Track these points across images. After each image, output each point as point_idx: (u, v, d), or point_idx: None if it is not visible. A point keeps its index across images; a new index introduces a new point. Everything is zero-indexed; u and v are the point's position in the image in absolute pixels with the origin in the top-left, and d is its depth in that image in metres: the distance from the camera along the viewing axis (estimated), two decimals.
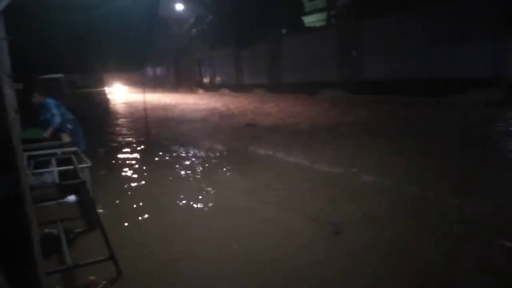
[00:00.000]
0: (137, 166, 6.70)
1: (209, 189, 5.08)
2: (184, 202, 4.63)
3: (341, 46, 19.92)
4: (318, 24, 25.30)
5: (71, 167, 3.51)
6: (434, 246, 3.16)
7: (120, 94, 31.78)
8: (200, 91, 31.50)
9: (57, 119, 5.26)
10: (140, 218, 4.16)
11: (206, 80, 35.28)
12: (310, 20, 27.39)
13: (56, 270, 2.66)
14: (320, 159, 6.36)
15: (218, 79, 33.13)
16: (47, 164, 3.80)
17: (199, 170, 6.18)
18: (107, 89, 18.81)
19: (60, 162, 3.72)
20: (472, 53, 13.88)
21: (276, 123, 11.21)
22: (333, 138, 8.43)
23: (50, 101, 5.39)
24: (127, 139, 9.76)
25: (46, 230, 3.43)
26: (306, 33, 23.98)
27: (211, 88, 31.34)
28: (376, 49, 17.71)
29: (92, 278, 2.72)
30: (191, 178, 5.74)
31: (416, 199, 4.30)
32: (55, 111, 5.30)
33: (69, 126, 5.56)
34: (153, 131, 10.56)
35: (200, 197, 4.76)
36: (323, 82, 20.56)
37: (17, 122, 1.13)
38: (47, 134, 5.12)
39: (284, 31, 25.72)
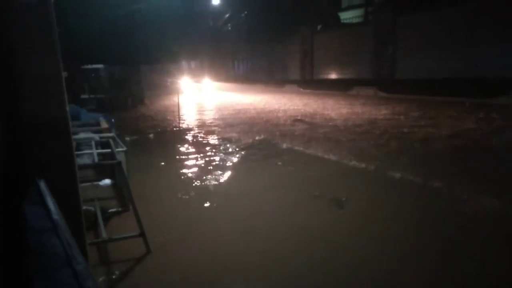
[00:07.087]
0: (176, 155, 6.96)
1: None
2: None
3: (377, 43, 19.50)
4: (355, 21, 24.85)
5: (108, 150, 3.77)
6: None
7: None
8: (232, 85, 31.83)
9: None
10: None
11: (239, 74, 35.60)
12: (347, 16, 26.97)
13: (92, 242, 2.91)
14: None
15: (250, 73, 33.34)
16: (86, 147, 4.10)
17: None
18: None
19: (99, 146, 4.01)
20: None
21: (328, 120, 10.41)
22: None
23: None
24: (163, 128, 10.13)
25: (84, 207, 3.70)
26: (340, 29, 23.64)
27: (244, 82, 31.60)
28: (414, 47, 17.21)
29: None
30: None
31: None
32: None
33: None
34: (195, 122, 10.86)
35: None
36: (357, 79, 20.21)
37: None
38: None
39: (319, 26, 25.48)
